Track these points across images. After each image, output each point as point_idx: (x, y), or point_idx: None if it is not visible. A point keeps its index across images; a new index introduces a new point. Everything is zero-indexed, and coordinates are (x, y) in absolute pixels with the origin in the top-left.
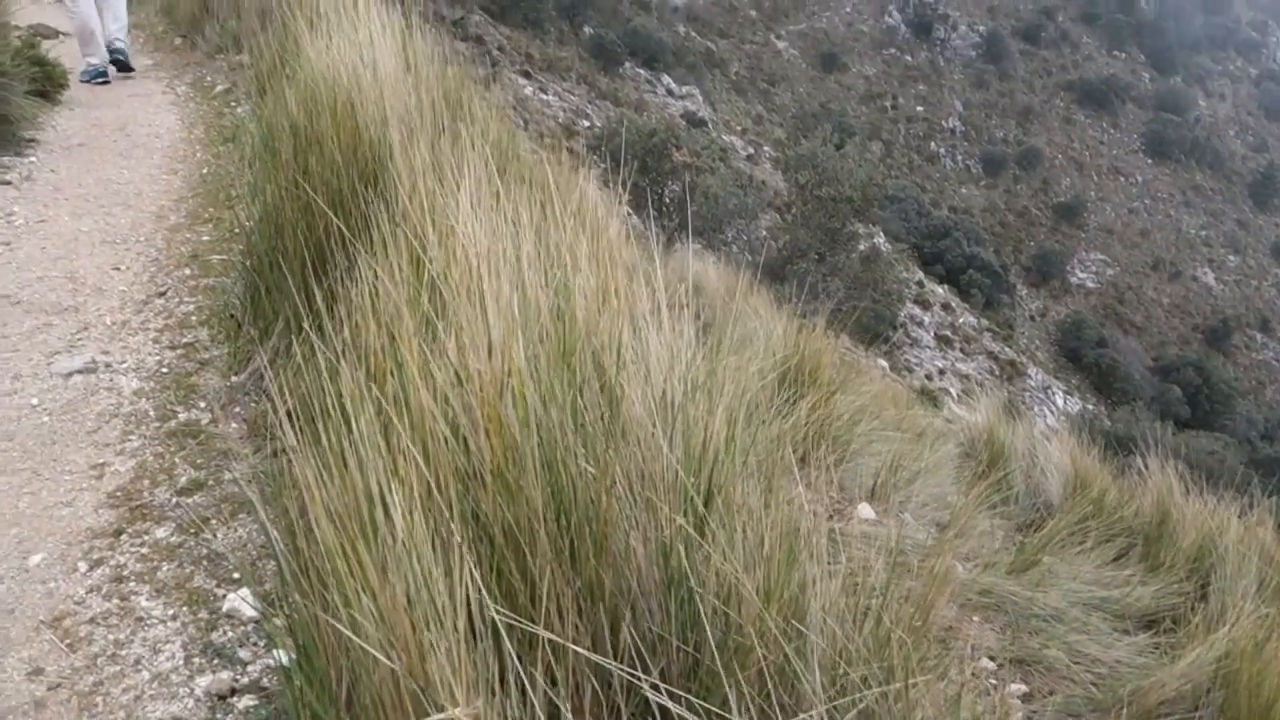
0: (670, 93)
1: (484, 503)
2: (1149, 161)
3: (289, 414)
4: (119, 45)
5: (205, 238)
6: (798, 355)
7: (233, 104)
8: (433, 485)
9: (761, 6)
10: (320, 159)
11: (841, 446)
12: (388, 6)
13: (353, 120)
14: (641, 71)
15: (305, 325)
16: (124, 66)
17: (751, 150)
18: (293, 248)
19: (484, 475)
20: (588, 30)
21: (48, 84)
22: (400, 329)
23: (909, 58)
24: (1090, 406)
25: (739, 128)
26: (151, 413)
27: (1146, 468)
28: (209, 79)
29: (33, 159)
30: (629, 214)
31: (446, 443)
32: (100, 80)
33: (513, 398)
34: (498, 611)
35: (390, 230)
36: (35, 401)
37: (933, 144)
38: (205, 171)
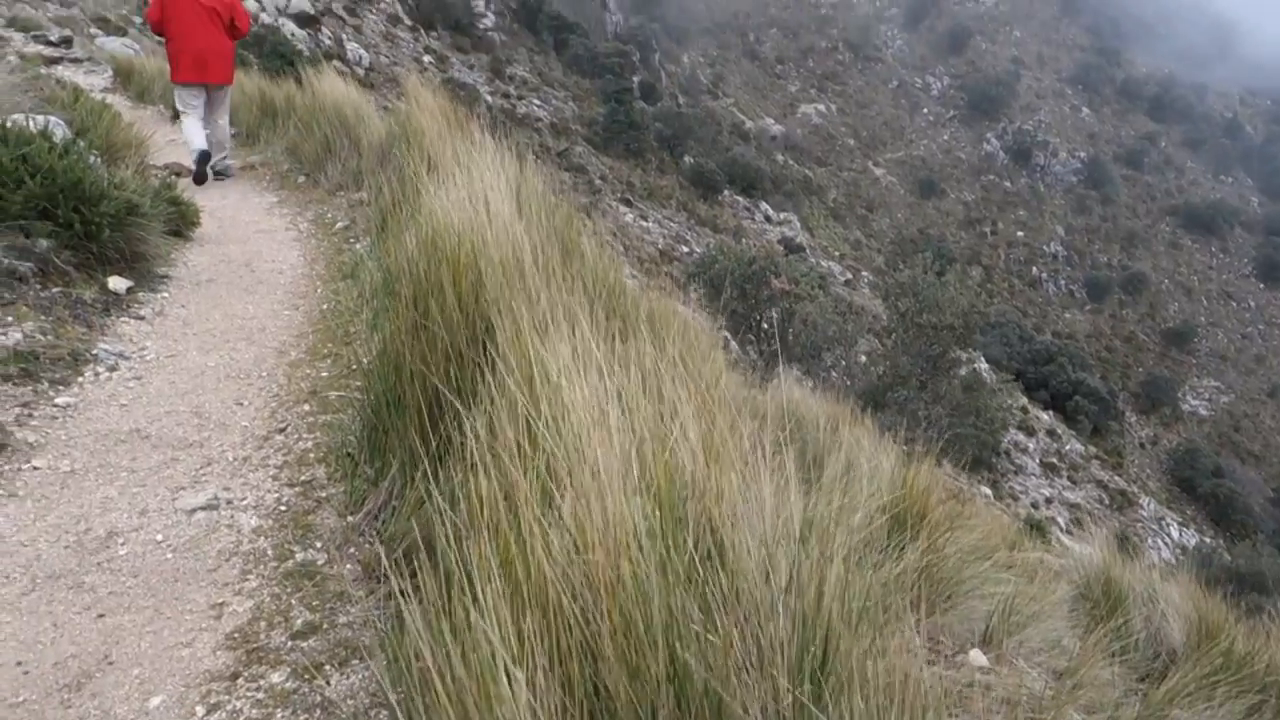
0: (768, 219)
1: (605, 675)
2: (1261, 286)
3: (403, 560)
4: (222, 165)
5: (324, 373)
6: (905, 494)
7: (351, 240)
8: (554, 658)
9: (859, 135)
10: (441, 305)
11: (951, 588)
12: (497, 143)
13: (473, 270)
14: (740, 198)
15: (421, 470)
16: (221, 175)
17: (850, 276)
18: (410, 392)
19: (604, 646)
20: (688, 159)
21: (181, 222)
22: (516, 490)
23: (1008, 183)
24: (1208, 539)
25: (837, 253)
26: (270, 552)
27: (1277, 612)
28: (329, 215)
29: (165, 294)
30: (729, 339)
31: (567, 612)
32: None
33: (629, 566)
34: None
35: (502, 382)
36: (160, 537)
37: (1034, 269)
38: (325, 307)
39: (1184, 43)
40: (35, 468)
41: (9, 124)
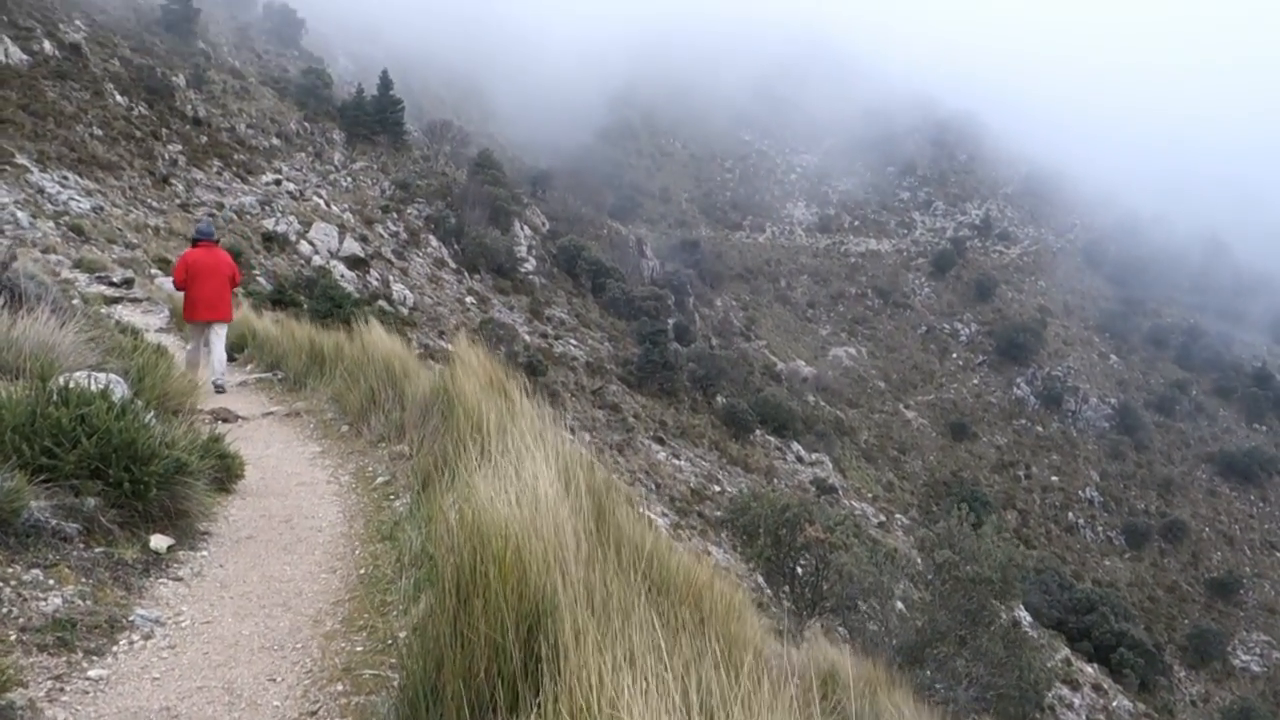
0: (800, 459)
1: None
2: None
3: None
4: (218, 381)
5: (359, 648)
6: None
7: (391, 496)
8: None
9: (889, 378)
10: (485, 601)
11: None
12: (536, 404)
13: (518, 567)
14: (772, 438)
15: None
16: (219, 390)
17: (883, 518)
18: (451, 688)
19: None
20: (720, 399)
21: (225, 475)
22: None
23: (1040, 428)
24: None
25: (870, 495)
26: None
27: None
28: (371, 468)
29: (204, 553)
30: (762, 587)
31: None
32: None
33: None
34: None
35: (550, 692)
36: None
37: (1070, 514)
38: (362, 571)
39: (1208, 293)
40: None
41: (72, 384)
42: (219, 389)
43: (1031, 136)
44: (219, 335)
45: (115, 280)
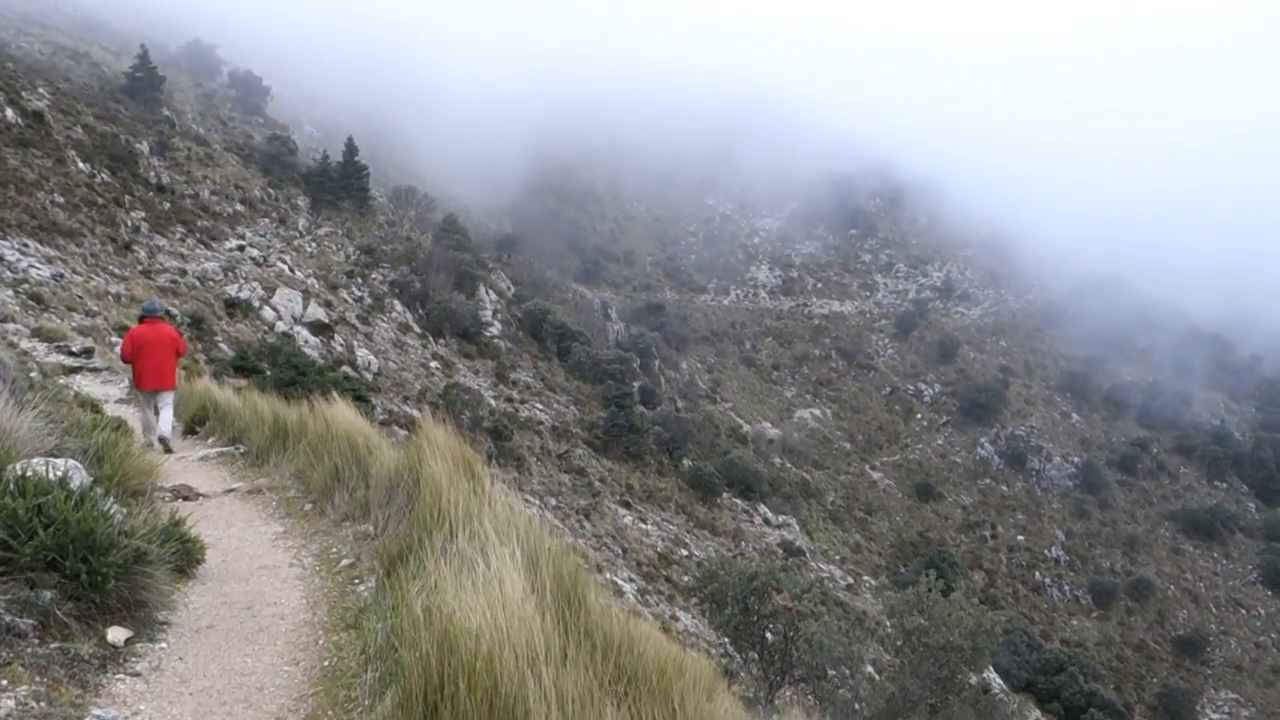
0: (767, 521)
1: None
2: (1269, 593)
3: None
4: (164, 436)
5: None
6: None
7: (355, 580)
8: None
9: (855, 439)
10: (454, 713)
11: None
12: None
13: (488, 678)
14: (739, 501)
15: None
16: (166, 448)
17: (851, 580)
18: None
19: None
20: (687, 462)
21: (186, 560)
22: None
23: (1005, 487)
24: None
25: (837, 556)
26: None
27: None
28: (334, 550)
29: (164, 645)
30: (732, 654)
31: None
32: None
33: None
34: None
35: None
36: None
37: (1037, 573)
38: (326, 663)
39: (1166, 352)
40: None
41: (29, 472)
42: (166, 448)
43: (990, 201)
44: (165, 402)
45: (74, 350)
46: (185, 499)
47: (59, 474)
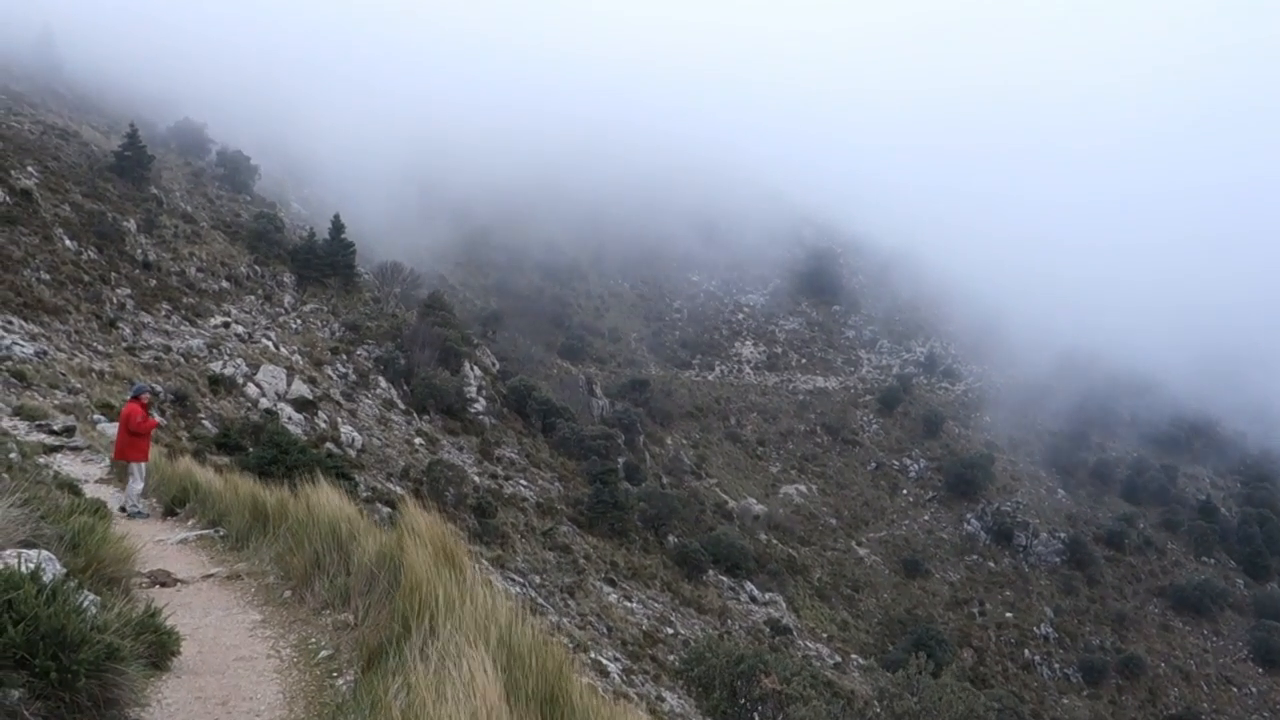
0: (754, 599)
1: None
2: (1260, 671)
3: None
4: (134, 507)
5: None
6: None
7: (334, 674)
8: None
9: (841, 515)
10: None
11: None
12: (484, 577)
13: None
14: (725, 579)
15: None
16: (136, 515)
17: (839, 659)
18: None
19: None
20: (672, 539)
21: (160, 652)
22: None
23: (992, 563)
24: None
25: (825, 634)
26: None
27: None
28: (313, 640)
29: None
30: None
31: None
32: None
33: None
34: None
35: None
36: None
37: (1026, 651)
38: None
39: (1149, 427)
40: None
41: (1, 566)
42: (134, 514)
43: (971, 275)
44: (131, 472)
45: (56, 428)
46: (162, 585)
47: (31, 567)
